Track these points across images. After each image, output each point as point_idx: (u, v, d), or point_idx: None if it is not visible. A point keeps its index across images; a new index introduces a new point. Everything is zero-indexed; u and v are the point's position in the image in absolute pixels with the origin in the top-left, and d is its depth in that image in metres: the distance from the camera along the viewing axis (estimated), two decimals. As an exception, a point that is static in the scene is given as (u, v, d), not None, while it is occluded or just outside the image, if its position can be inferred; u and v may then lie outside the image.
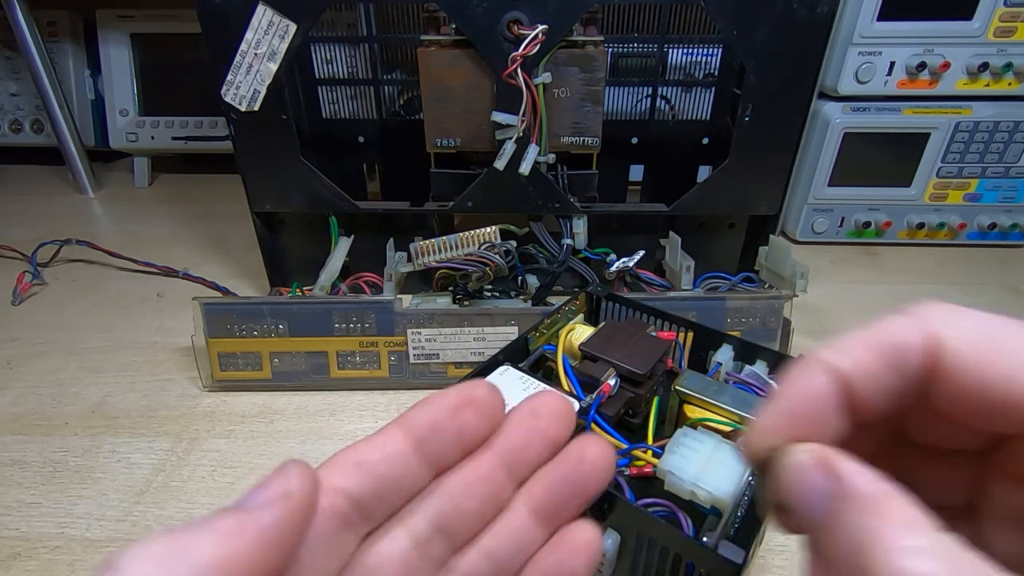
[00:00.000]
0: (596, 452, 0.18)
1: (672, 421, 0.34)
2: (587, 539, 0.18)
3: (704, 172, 0.63)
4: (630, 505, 0.26)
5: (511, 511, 0.18)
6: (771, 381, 0.34)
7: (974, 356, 0.13)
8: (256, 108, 0.49)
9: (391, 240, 0.55)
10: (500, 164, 0.48)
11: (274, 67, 0.47)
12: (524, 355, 0.36)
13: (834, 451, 0.14)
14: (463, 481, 0.17)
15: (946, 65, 0.64)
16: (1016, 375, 0.13)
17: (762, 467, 0.15)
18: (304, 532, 0.14)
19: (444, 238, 0.53)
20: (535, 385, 0.32)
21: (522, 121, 0.46)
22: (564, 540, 0.18)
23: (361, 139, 0.62)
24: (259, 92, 0.48)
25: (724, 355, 0.37)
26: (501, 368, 0.33)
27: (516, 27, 0.45)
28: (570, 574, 0.18)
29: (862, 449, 0.15)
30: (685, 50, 0.60)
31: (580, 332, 0.38)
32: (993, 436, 0.15)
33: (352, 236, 0.57)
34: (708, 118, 0.61)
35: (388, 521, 0.17)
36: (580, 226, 0.54)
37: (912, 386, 0.14)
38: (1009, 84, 0.65)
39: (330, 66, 0.60)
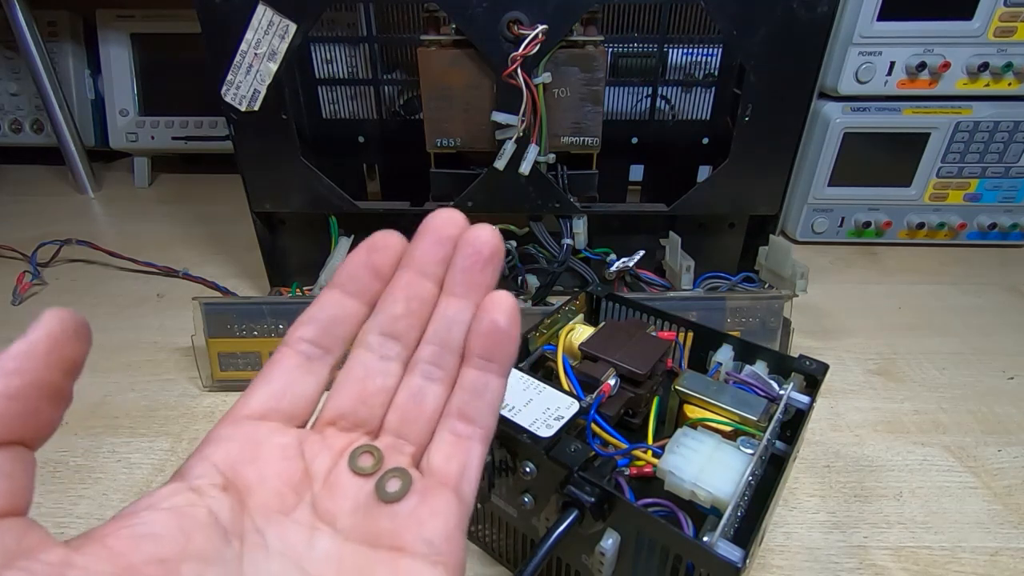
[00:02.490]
0: (484, 231, 0.22)
1: (672, 421, 0.34)
2: (499, 297, 0.22)
3: (704, 172, 0.63)
4: (630, 505, 0.26)
5: (441, 302, 0.22)
6: (771, 381, 0.34)
7: None
8: (256, 108, 0.49)
9: (391, 240, 0.55)
10: (500, 164, 0.48)
11: (274, 67, 0.47)
12: (524, 355, 0.36)
13: None
14: (387, 295, 0.22)
15: (946, 65, 0.64)
16: None
17: None
18: (63, 354, 0.16)
19: (444, 238, 0.52)
20: (536, 385, 0.32)
21: (522, 121, 0.46)
22: (484, 303, 0.22)
23: (361, 139, 0.62)
24: (259, 92, 0.48)
25: (724, 355, 0.37)
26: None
27: (516, 27, 0.45)
28: (492, 323, 0.21)
29: None
30: (685, 50, 0.60)
31: (580, 332, 0.38)
32: None
33: (352, 236, 0.57)
34: (708, 118, 0.61)
35: (353, 348, 0.22)
36: (580, 226, 0.54)
37: None
38: (1009, 84, 0.65)
39: (330, 66, 0.60)
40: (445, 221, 0.22)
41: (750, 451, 0.29)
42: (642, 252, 0.55)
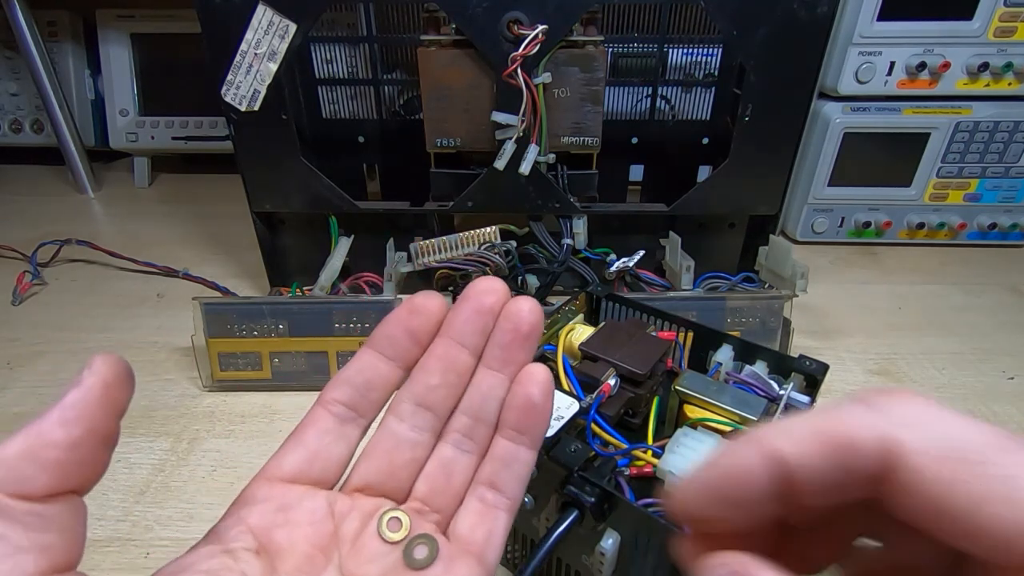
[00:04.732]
0: (524, 305, 0.22)
1: (672, 421, 0.34)
2: (535, 371, 0.22)
3: (704, 172, 0.63)
4: (630, 505, 0.26)
5: (477, 375, 0.22)
6: (771, 381, 0.34)
7: (935, 477, 0.12)
8: (256, 108, 0.49)
9: (391, 240, 0.55)
10: (500, 164, 0.48)
11: (274, 67, 0.47)
12: (524, 355, 0.36)
13: (753, 564, 0.14)
14: (424, 363, 0.22)
15: (946, 65, 0.64)
16: (982, 508, 0.12)
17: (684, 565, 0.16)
18: (115, 400, 0.17)
19: (444, 238, 0.53)
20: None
21: (522, 121, 0.46)
22: (519, 378, 0.22)
23: (361, 139, 0.62)
24: (259, 92, 0.48)
25: (724, 355, 0.37)
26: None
27: (516, 27, 0.45)
28: (526, 397, 0.22)
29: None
30: (685, 50, 0.60)
31: (580, 332, 0.38)
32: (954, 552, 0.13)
33: (352, 236, 0.57)
34: (708, 118, 0.61)
35: (385, 414, 0.23)
36: (580, 226, 0.54)
37: (862, 486, 0.13)
38: (1009, 84, 0.65)
39: (330, 66, 0.60)
40: (486, 291, 0.22)
41: (750, 451, 0.29)
42: (642, 252, 0.55)
